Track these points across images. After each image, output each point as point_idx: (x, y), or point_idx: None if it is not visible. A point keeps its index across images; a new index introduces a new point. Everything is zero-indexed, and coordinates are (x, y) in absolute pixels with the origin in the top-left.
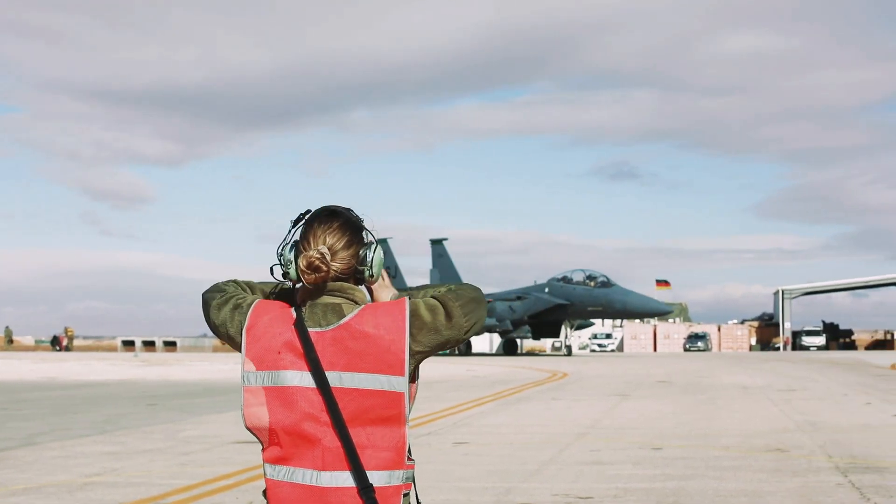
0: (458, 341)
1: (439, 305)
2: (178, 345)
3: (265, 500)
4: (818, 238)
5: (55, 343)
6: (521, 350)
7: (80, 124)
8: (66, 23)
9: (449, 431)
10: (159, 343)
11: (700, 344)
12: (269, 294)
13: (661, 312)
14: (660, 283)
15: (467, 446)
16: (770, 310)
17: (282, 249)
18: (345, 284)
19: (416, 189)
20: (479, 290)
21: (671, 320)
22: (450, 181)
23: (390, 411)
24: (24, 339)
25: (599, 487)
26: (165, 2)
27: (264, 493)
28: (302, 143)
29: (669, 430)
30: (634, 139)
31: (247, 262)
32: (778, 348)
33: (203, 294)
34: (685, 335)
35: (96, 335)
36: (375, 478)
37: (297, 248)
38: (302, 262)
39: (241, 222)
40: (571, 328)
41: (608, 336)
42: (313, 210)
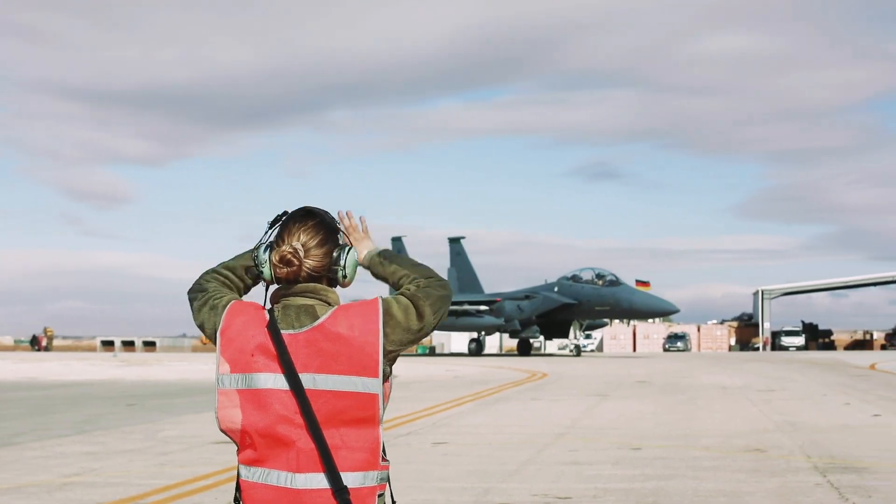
0: (423, 337)
1: (411, 306)
2: (158, 345)
3: (238, 501)
4: (798, 238)
5: (34, 343)
6: (544, 350)
7: (61, 124)
8: (49, 22)
9: (428, 432)
10: (139, 343)
11: (679, 344)
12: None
13: (667, 312)
14: (640, 283)
15: (446, 446)
16: (749, 310)
17: (256, 251)
18: (318, 285)
19: (397, 189)
20: (447, 284)
21: (650, 320)
22: (431, 181)
23: (364, 413)
24: (3, 339)
25: (578, 488)
26: (148, 1)
27: (236, 495)
28: (283, 142)
29: (649, 431)
30: (615, 139)
31: None
32: (757, 348)
33: (188, 293)
34: (664, 335)
35: (76, 335)
36: (350, 479)
37: (271, 248)
38: (275, 256)
39: (222, 222)
40: (581, 328)
41: (588, 336)
42: (290, 211)
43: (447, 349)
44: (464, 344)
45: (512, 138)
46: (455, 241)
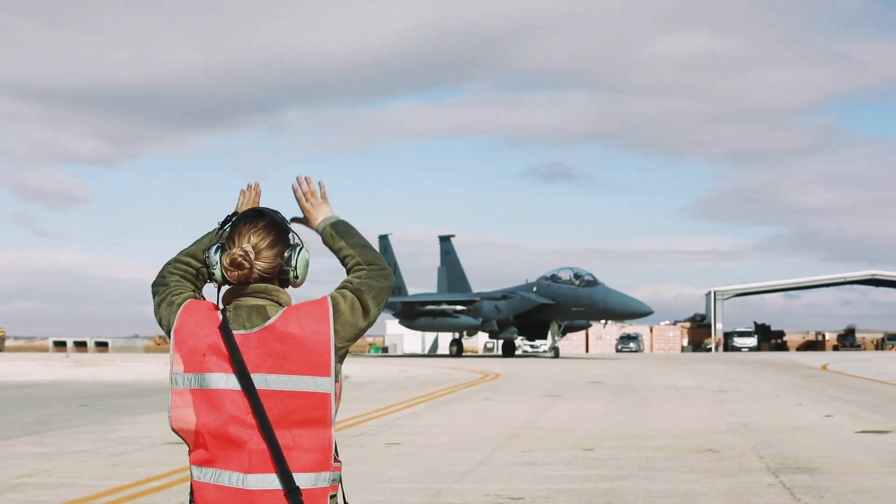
0: (368, 329)
1: (357, 301)
2: (110, 345)
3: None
4: (751, 239)
5: None
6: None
7: (13, 123)
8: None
9: (381, 432)
10: (91, 344)
11: (632, 345)
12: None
13: (641, 313)
14: None
15: (399, 447)
16: (702, 311)
17: (207, 251)
18: (269, 286)
19: (351, 189)
20: (389, 273)
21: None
22: (385, 181)
23: (316, 412)
24: None
25: (531, 488)
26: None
27: (191, 495)
28: (237, 143)
29: (602, 431)
30: (568, 140)
31: None
32: (710, 349)
33: (151, 286)
34: (617, 336)
35: (28, 336)
36: (302, 480)
37: (222, 249)
38: (225, 259)
39: (175, 223)
40: (560, 329)
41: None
42: (240, 212)
43: (400, 350)
44: (417, 344)
45: (465, 139)
46: (445, 240)
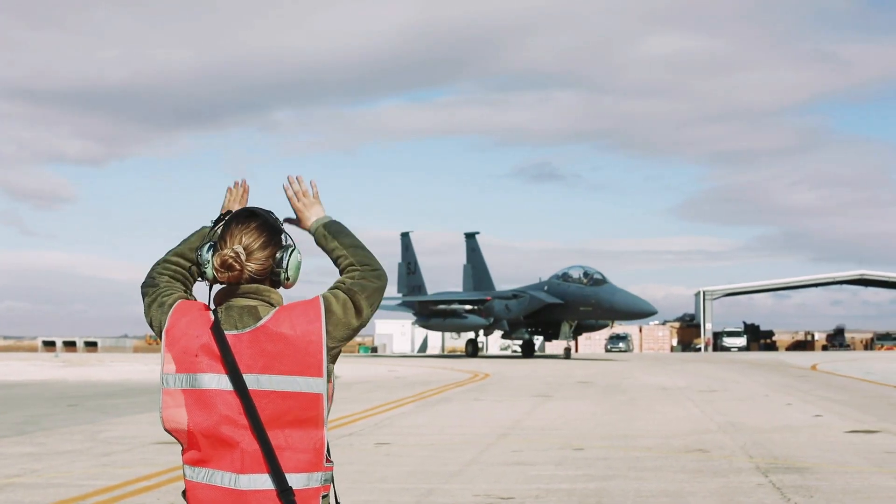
0: (360, 329)
1: (349, 301)
2: (99, 345)
3: (185, 502)
4: (740, 239)
5: None
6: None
7: (0, 123)
8: None
9: (370, 432)
10: (80, 343)
11: (621, 345)
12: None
13: (645, 313)
14: None
15: (389, 447)
16: (691, 311)
17: (199, 249)
18: (260, 286)
19: (339, 189)
20: (382, 273)
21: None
22: (372, 181)
23: (309, 413)
24: None
25: (521, 488)
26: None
27: (184, 494)
28: (224, 142)
29: (591, 431)
30: (557, 140)
31: None
32: (699, 349)
33: (141, 287)
34: (606, 336)
35: (17, 335)
36: (294, 480)
37: (214, 248)
38: (216, 261)
39: (163, 222)
40: (572, 329)
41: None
42: (233, 211)
43: (390, 350)
44: (406, 344)
45: (453, 139)
46: (471, 237)
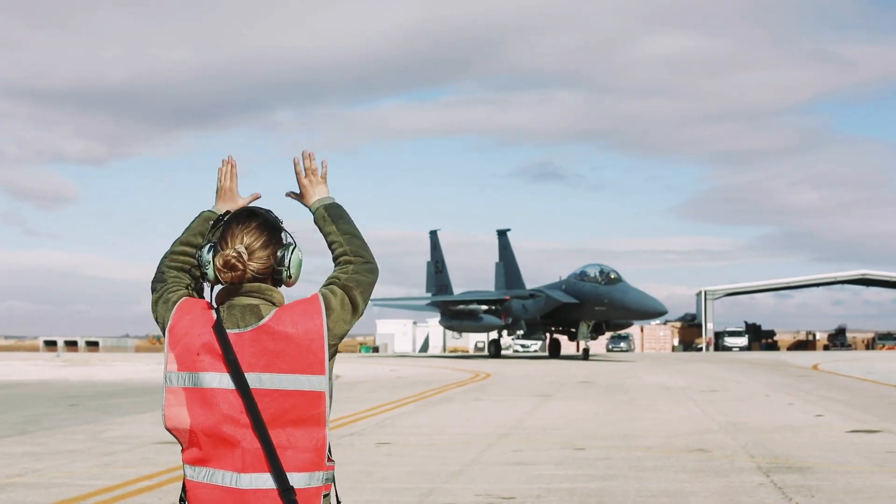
0: (354, 324)
1: (346, 297)
2: (101, 345)
3: (185, 503)
4: (741, 239)
5: None
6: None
7: (2, 123)
8: None
9: (372, 432)
10: (81, 343)
11: (622, 345)
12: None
13: (655, 313)
14: None
15: (390, 447)
16: (693, 310)
17: (200, 250)
18: (262, 285)
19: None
20: (375, 267)
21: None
22: (373, 181)
23: (311, 411)
24: None
25: (522, 488)
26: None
27: (182, 494)
28: (225, 142)
29: (592, 431)
30: (559, 140)
31: None
32: (700, 349)
33: (151, 283)
34: (608, 336)
35: (18, 335)
36: (296, 479)
37: (215, 248)
38: (218, 261)
39: (164, 222)
40: (589, 328)
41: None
42: (233, 211)
43: (391, 349)
44: (408, 343)
45: (454, 139)
46: (502, 234)
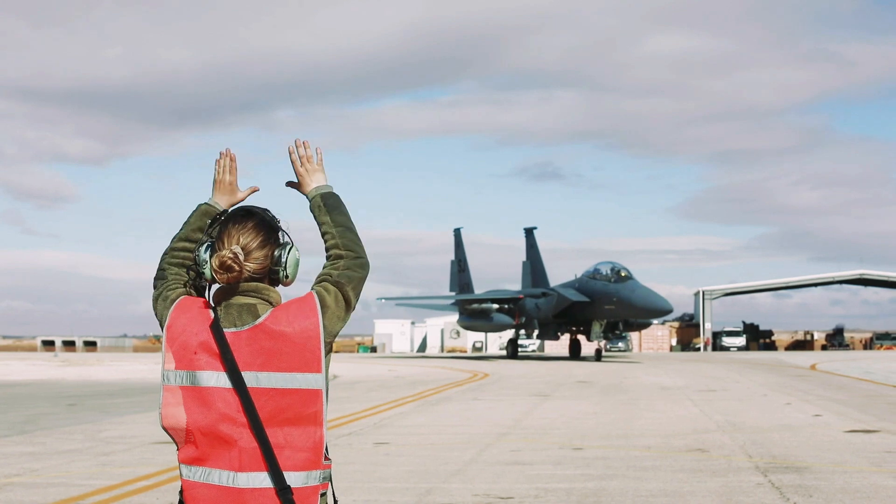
0: (347, 320)
1: (339, 293)
2: (99, 345)
3: (182, 503)
4: (740, 239)
5: None
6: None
7: (2, 123)
8: None
9: (370, 432)
10: (79, 343)
11: (620, 345)
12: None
13: (660, 311)
14: None
15: (388, 447)
16: (691, 310)
17: (197, 250)
18: (259, 285)
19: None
20: (365, 262)
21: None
22: (374, 181)
23: (308, 409)
24: None
25: (520, 488)
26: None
27: (181, 494)
28: (226, 142)
29: (590, 431)
30: (559, 140)
31: None
32: (698, 349)
33: (153, 280)
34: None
35: (16, 335)
36: (293, 478)
37: (212, 248)
38: (215, 262)
39: (164, 222)
40: (602, 327)
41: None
42: (231, 209)
43: (389, 349)
44: (406, 343)
45: (455, 138)
46: (529, 233)
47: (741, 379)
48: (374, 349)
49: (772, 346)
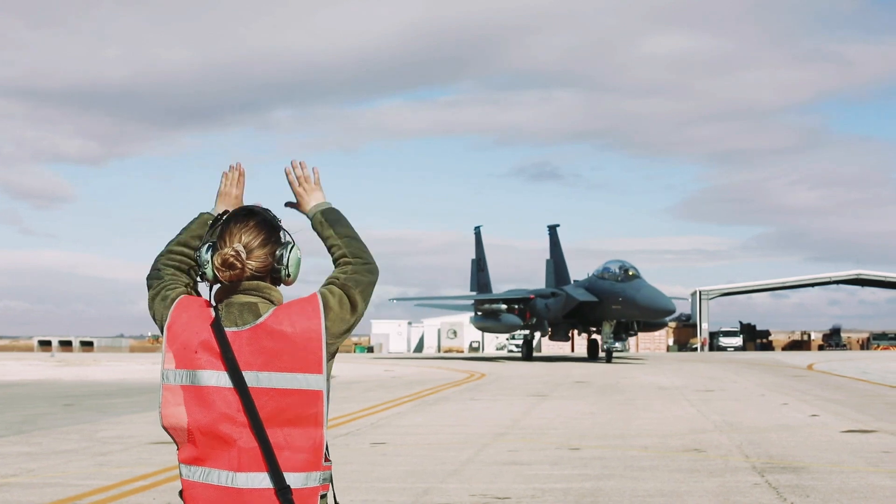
0: (356, 325)
1: (345, 296)
2: (96, 345)
3: (182, 502)
4: (737, 239)
5: None
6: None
7: (1, 122)
8: None
9: (367, 432)
10: (76, 343)
11: (618, 345)
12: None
13: (664, 311)
14: None
15: (385, 447)
16: (688, 310)
17: (199, 250)
18: (261, 283)
19: (338, 189)
20: (374, 267)
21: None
22: (373, 181)
23: (308, 410)
24: None
25: (517, 488)
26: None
27: (181, 493)
28: (224, 142)
29: (587, 431)
30: (557, 139)
31: None
32: (696, 349)
33: (146, 279)
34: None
35: (13, 335)
36: (292, 479)
37: (214, 248)
38: (217, 260)
39: (163, 222)
40: (612, 327)
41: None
42: (231, 211)
43: (386, 350)
44: (402, 344)
45: (453, 138)
46: (553, 230)
47: (738, 379)
48: (370, 349)
49: (769, 346)
